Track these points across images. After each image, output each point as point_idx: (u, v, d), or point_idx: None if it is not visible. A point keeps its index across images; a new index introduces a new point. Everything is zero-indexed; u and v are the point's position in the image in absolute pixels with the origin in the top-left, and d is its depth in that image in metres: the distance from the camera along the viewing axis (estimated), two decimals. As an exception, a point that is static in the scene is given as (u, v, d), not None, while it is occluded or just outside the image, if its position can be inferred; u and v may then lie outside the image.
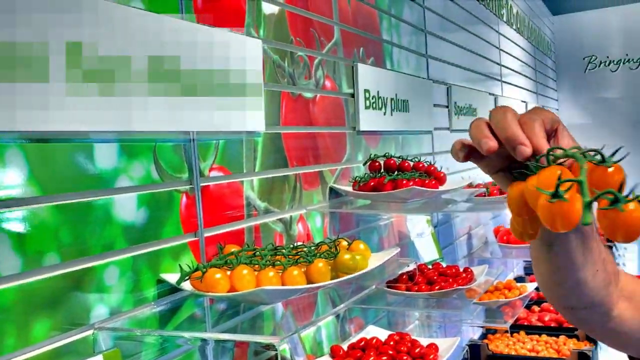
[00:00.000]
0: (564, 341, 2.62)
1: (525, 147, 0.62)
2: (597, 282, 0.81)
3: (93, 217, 0.89)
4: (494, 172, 0.71)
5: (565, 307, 0.85)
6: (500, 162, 0.69)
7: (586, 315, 0.85)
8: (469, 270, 1.73)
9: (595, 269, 0.80)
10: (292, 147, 1.41)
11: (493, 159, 0.69)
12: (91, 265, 0.88)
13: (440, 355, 1.40)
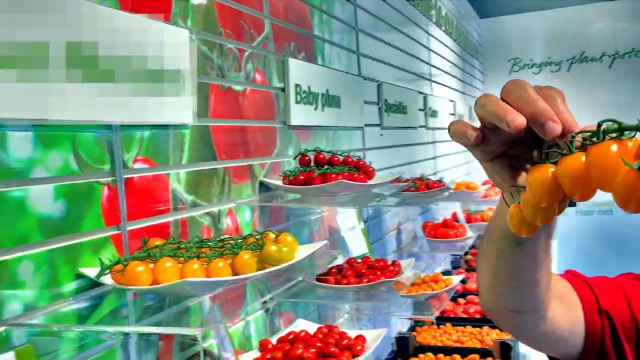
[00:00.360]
0: (487, 332, 2.73)
1: (556, 124, 0.55)
2: (544, 282, 0.82)
3: (6, 209, 0.85)
4: (490, 159, 0.65)
5: (510, 311, 0.85)
6: (502, 146, 0.63)
7: (527, 318, 0.85)
8: (396, 263, 1.77)
9: (547, 269, 0.81)
10: (221, 140, 1.39)
11: (493, 144, 0.62)
12: (3, 259, 0.84)
13: (367, 346, 1.42)
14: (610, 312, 0.88)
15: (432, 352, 2.52)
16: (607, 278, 0.96)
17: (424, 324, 2.87)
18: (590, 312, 0.88)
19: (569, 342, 0.89)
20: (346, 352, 1.35)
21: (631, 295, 0.91)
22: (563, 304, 0.87)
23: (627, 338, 0.88)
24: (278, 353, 1.34)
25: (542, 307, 0.84)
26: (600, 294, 0.90)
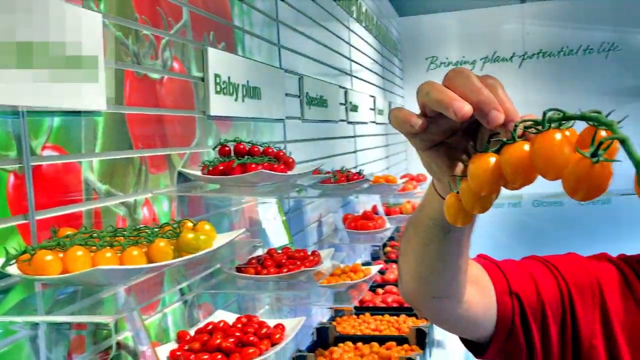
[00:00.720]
0: (404, 320, 2.82)
1: (499, 113, 0.55)
2: (464, 267, 0.85)
3: None
4: (429, 147, 0.65)
5: (433, 297, 0.87)
6: (442, 135, 0.63)
7: (446, 304, 0.88)
8: (316, 253, 1.80)
9: (468, 254, 0.84)
10: (137, 129, 1.36)
11: (433, 132, 0.62)
12: None
13: (286, 334, 1.44)
14: (520, 294, 0.92)
15: (352, 341, 2.58)
16: (514, 261, 1.01)
17: (343, 314, 2.92)
18: (502, 294, 0.92)
19: (482, 324, 0.92)
20: (265, 340, 1.36)
21: (537, 277, 0.95)
22: (477, 288, 0.91)
23: (534, 319, 0.93)
24: (196, 344, 1.33)
25: (460, 292, 0.87)
26: (511, 276, 0.94)
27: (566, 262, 0.99)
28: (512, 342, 0.93)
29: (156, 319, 1.42)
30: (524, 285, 0.94)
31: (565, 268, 0.97)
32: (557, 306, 0.93)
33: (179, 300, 1.53)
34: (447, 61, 5.99)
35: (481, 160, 0.55)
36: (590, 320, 0.94)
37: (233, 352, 1.30)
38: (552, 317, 0.93)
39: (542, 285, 0.94)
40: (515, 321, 0.92)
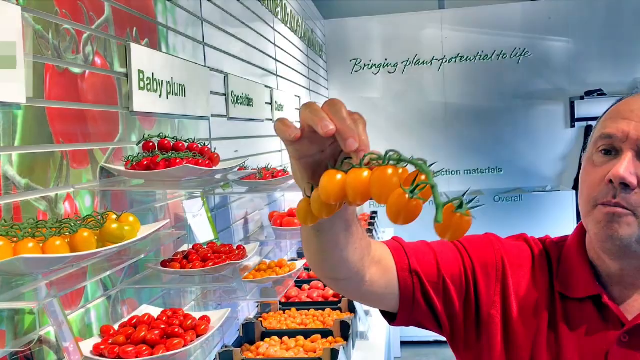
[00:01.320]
0: (329, 313, 2.89)
1: (355, 142, 0.68)
2: (355, 257, 0.96)
3: None
4: (300, 158, 0.77)
5: (330, 279, 1.01)
6: (310, 149, 0.75)
7: (346, 284, 1.01)
8: (241, 247, 1.83)
9: (354, 247, 0.95)
10: (58, 123, 1.35)
11: (305, 145, 0.74)
12: None
13: (212, 326, 1.47)
14: (419, 271, 1.05)
15: (278, 336, 2.62)
16: (425, 243, 1.13)
17: (270, 310, 2.96)
18: (402, 271, 1.05)
19: (386, 297, 1.06)
20: (190, 331, 1.39)
21: (441, 256, 1.09)
22: (380, 267, 1.03)
23: (435, 291, 1.06)
24: (120, 337, 1.34)
25: (358, 275, 0.99)
26: (412, 256, 1.07)
27: (476, 242, 1.12)
28: (417, 311, 1.07)
29: (79, 315, 1.41)
30: (424, 263, 1.06)
31: (472, 248, 1.11)
32: (459, 280, 1.07)
33: (103, 296, 1.53)
34: (371, 63, 6.15)
35: (331, 175, 0.67)
36: (491, 293, 1.08)
37: (158, 344, 1.31)
38: (454, 289, 1.07)
39: (443, 262, 1.07)
40: (416, 295, 1.05)
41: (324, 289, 3.26)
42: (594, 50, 5.77)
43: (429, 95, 6.06)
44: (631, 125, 0.97)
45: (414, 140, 6.05)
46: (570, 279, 1.06)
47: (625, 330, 0.99)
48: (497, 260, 1.10)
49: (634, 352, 0.99)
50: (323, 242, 0.91)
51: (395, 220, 0.62)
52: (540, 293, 1.07)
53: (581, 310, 1.04)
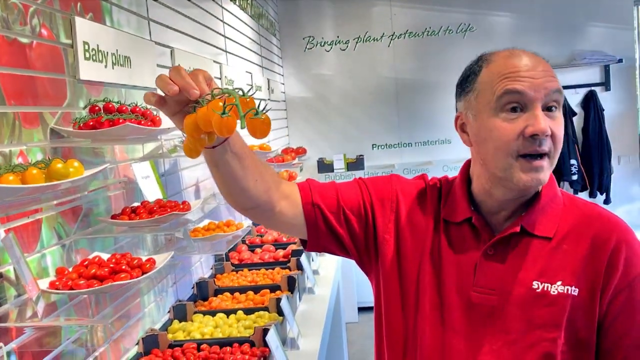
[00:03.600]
0: (278, 271, 3.11)
1: (195, 90, 0.96)
2: (258, 189, 1.18)
3: None
4: (172, 114, 1.04)
5: (241, 208, 1.23)
6: (177, 107, 1.02)
7: (256, 213, 1.24)
8: (186, 202, 2.02)
9: (254, 180, 1.17)
10: (9, 87, 1.51)
11: (172, 105, 1.02)
12: None
13: (156, 266, 1.65)
14: (321, 204, 1.28)
15: (230, 292, 2.83)
16: (332, 182, 1.36)
17: (223, 272, 3.16)
18: (306, 204, 1.28)
19: (296, 227, 1.29)
20: (137, 269, 1.58)
21: (342, 191, 1.32)
22: (289, 202, 1.27)
23: (336, 220, 1.29)
24: (73, 274, 1.52)
25: (266, 205, 1.22)
26: (315, 192, 1.30)
27: (378, 181, 1.36)
28: (323, 238, 1.30)
29: (35, 258, 1.59)
30: (326, 197, 1.30)
31: (373, 185, 1.34)
32: (358, 210, 1.31)
33: (57, 244, 1.70)
34: (323, 41, 6.32)
35: (187, 118, 0.97)
36: (386, 221, 1.31)
37: (107, 278, 1.50)
38: (354, 218, 1.30)
39: (343, 196, 1.31)
40: (319, 224, 1.28)
41: (274, 251, 3.47)
42: (536, 25, 6.05)
43: (380, 70, 6.27)
44: (535, 81, 1.13)
45: (366, 114, 6.27)
46: (453, 207, 1.28)
47: (490, 244, 1.21)
48: (392, 194, 1.33)
49: (496, 263, 1.21)
50: (222, 174, 1.13)
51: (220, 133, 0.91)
52: (428, 220, 1.30)
53: (460, 232, 1.26)
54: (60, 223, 1.73)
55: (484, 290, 1.20)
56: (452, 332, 1.21)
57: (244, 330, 2.35)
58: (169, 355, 2.08)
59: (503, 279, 1.19)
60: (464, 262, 1.23)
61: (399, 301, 1.29)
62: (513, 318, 1.17)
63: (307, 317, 2.71)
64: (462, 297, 1.22)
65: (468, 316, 1.21)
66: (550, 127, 1.13)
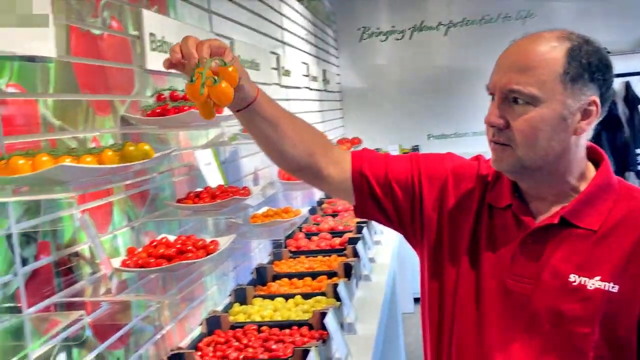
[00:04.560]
0: (335, 259, 3.14)
1: (194, 58, 1.03)
2: (297, 153, 1.24)
3: None
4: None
5: (287, 170, 1.30)
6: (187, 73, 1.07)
7: (302, 175, 1.30)
8: (246, 188, 2.08)
9: (292, 144, 1.23)
10: (83, 76, 1.60)
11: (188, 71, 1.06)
12: None
13: (220, 248, 1.72)
14: (368, 175, 1.30)
15: (287, 278, 2.89)
16: (386, 154, 1.38)
17: (281, 258, 3.22)
18: (355, 173, 1.30)
19: (344, 192, 1.32)
20: (201, 250, 1.64)
21: (391, 165, 1.32)
22: (338, 168, 1.30)
23: (383, 192, 1.30)
24: (143, 254, 1.60)
25: (311, 169, 1.27)
26: (366, 162, 1.31)
27: (431, 158, 1.35)
28: (370, 207, 1.32)
29: (108, 239, 1.68)
30: (375, 168, 1.31)
31: (425, 162, 1.33)
32: (405, 184, 1.30)
33: (127, 226, 1.79)
34: (378, 31, 6.32)
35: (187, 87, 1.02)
36: (433, 199, 1.30)
37: (174, 258, 1.57)
38: (400, 191, 1.30)
39: (392, 169, 1.31)
40: (366, 193, 1.30)
41: (331, 238, 3.51)
42: (598, 10, 5.85)
43: (436, 60, 6.21)
44: (498, 75, 1.15)
45: (422, 104, 6.22)
46: (498, 192, 1.25)
47: (528, 233, 1.18)
48: (442, 173, 1.31)
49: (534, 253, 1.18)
50: (255, 136, 1.22)
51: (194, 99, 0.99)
52: (473, 203, 1.27)
53: (502, 218, 1.24)
54: (130, 206, 1.82)
55: (520, 279, 1.18)
56: (486, 318, 1.20)
57: (302, 314, 2.40)
58: (231, 336, 2.15)
59: (539, 269, 1.16)
60: (503, 249, 1.21)
61: (437, 281, 1.29)
62: (546, 310, 1.15)
63: (363, 303, 2.73)
64: (499, 283, 1.20)
65: (503, 303, 1.19)
66: (508, 119, 1.13)
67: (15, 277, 1.28)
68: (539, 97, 1.10)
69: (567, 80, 1.10)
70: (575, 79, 1.10)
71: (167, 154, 1.35)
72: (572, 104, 1.11)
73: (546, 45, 1.11)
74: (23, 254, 1.31)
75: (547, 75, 1.10)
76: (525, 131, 1.12)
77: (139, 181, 1.76)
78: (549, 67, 1.10)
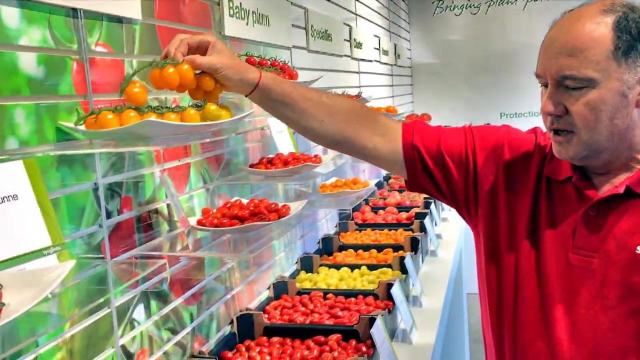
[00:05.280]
0: (401, 233, 3.13)
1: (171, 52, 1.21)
2: (327, 129, 1.26)
3: (2, 66, 1.09)
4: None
5: (323, 144, 1.33)
6: None
7: (342, 148, 1.32)
8: (317, 156, 2.09)
9: (319, 120, 1.25)
10: (166, 39, 1.64)
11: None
12: (3, 104, 1.09)
13: (291, 212, 1.74)
14: (420, 147, 1.28)
15: (353, 249, 2.91)
16: (439, 126, 1.35)
17: (347, 230, 3.24)
18: (406, 145, 1.29)
19: (394, 164, 1.31)
20: (274, 213, 1.67)
21: (444, 137, 1.30)
22: (385, 139, 1.29)
23: (435, 164, 1.29)
24: (218, 214, 1.65)
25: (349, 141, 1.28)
26: (418, 134, 1.30)
27: (486, 130, 1.32)
28: (421, 179, 1.31)
29: (184, 199, 1.73)
30: (427, 140, 1.29)
31: (479, 134, 1.31)
32: (459, 157, 1.28)
33: (202, 188, 1.84)
34: (453, 5, 6.15)
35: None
36: (487, 173, 1.27)
37: (247, 219, 1.61)
38: (453, 164, 1.28)
39: (445, 142, 1.29)
40: (417, 165, 1.29)
41: (397, 213, 3.50)
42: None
43: (512, 35, 6.00)
44: (547, 62, 1.10)
45: (495, 82, 6.04)
46: (558, 164, 1.21)
47: (591, 204, 1.14)
48: (498, 146, 1.28)
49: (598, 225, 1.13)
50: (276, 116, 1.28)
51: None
52: (530, 177, 1.24)
53: (562, 191, 1.20)
54: (206, 169, 1.87)
55: (583, 252, 1.14)
56: (548, 294, 1.17)
57: (367, 284, 2.41)
58: (297, 301, 2.19)
59: (604, 242, 1.12)
60: (564, 222, 1.17)
61: (495, 258, 1.26)
62: (612, 283, 1.10)
63: (429, 277, 2.72)
64: (560, 258, 1.16)
65: (565, 278, 1.15)
66: (565, 104, 1.09)
67: (100, 228, 1.34)
68: (594, 78, 1.06)
69: (619, 55, 1.06)
70: (627, 52, 1.06)
71: (245, 115, 1.37)
72: (630, 78, 1.07)
73: (591, 23, 1.06)
74: (108, 207, 1.38)
75: (598, 54, 1.06)
76: (586, 115, 1.08)
77: (215, 141, 1.80)
78: (599, 46, 1.06)
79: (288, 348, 1.84)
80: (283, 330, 1.95)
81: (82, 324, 1.27)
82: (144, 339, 1.49)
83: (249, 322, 1.95)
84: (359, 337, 1.89)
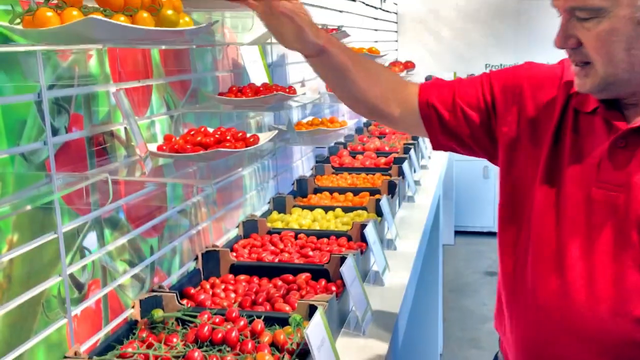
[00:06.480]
0: (379, 177, 3.04)
1: None
2: (367, 97, 1.29)
3: None
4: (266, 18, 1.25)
5: (358, 112, 1.37)
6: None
7: (374, 117, 1.36)
8: (291, 87, 1.97)
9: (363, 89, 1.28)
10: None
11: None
12: None
13: (260, 142, 1.62)
14: (435, 103, 1.28)
15: (329, 192, 2.81)
16: (459, 79, 1.32)
17: (324, 173, 3.14)
18: (421, 104, 1.29)
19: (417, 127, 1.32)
20: (240, 142, 1.55)
21: (458, 87, 1.28)
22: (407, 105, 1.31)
23: (453, 116, 1.27)
24: (180, 140, 1.52)
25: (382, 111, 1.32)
26: (432, 92, 1.29)
27: (505, 71, 1.28)
28: (443, 137, 1.30)
29: (145, 124, 1.61)
30: (442, 95, 1.28)
31: (498, 76, 1.27)
32: (477, 104, 1.26)
33: (166, 114, 1.71)
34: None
35: None
36: (507, 113, 1.23)
37: (212, 146, 1.49)
38: (472, 112, 1.26)
39: (460, 92, 1.27)
40: (434, 122, 1.28)
41: (376, 158, 3.40)
42: None
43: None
44: None
45: (481, 32, 5.89)
46: (585, 96, 1.13)
47: (620, 134, 1.06)
48: (516, 84, 1.23)
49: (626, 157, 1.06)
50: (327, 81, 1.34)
51: None
52: (555, 110, 1.17)
53: (590, 122, 1.13)
54: (169, 94, 1.74)
55: (608, 187, 1.07)
56: (566, 229, 1.10)
57: (341, 226, 2.33)
58: (267, 240, 2.10)
59: (632, 175, 1.05)
60: (590, 154, 1.10)
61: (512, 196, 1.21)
62: (637, 219, 1.03)
63: (405, 222, 2.64)
64: (582, 192, 1.09)
65: (586, 215, 1.09)
66: (578, 36, 1.04)
67: (45, 145, 1.22)
68: (603, 7, 0.98)
69: None
70: None
71: (208, 26, 1.23)
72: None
73: None
74: (54, 123, 1.25)
75: None
76: (598, 47, 1.01)
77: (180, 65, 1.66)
78: None
79: (255, 286, 1.76)
80: (250, 269, 1.86)
81: (23, 248, 1.16)
82: (96, 269, 1.39)
83: (215, 259, 1.86)
84: (329, 277, 1.81)
